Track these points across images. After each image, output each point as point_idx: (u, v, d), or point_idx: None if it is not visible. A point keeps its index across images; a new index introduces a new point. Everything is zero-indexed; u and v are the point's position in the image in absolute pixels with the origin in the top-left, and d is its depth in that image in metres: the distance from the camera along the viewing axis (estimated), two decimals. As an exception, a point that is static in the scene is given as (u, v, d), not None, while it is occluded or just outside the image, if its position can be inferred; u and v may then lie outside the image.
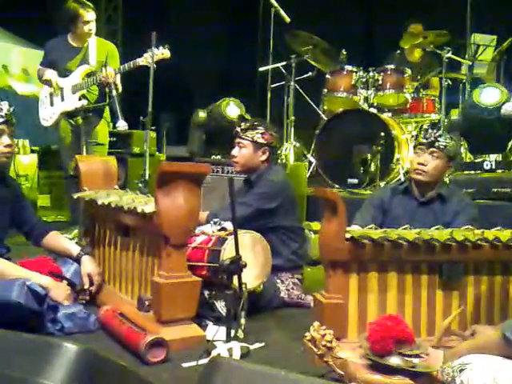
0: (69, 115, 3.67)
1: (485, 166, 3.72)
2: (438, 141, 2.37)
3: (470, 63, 4.26)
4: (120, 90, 3.59)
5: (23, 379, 0.81)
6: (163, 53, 3.30)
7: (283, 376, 0.88)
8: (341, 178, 4.13)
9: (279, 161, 4.38)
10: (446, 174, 2.47)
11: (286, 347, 2.08)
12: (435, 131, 2.43)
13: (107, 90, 3.38)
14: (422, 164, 2.38)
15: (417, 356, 1.61)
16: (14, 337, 0.89)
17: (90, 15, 3.65)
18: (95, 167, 2.56)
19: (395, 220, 2.31)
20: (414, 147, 2.49)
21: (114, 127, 3.40)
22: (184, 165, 2.09)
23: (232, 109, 4.41)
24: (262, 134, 2.65)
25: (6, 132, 2.22)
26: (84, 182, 2.54)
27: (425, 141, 2.40)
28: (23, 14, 5.35)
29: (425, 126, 4.11)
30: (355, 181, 4.07)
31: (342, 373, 1.61)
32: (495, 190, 3.47)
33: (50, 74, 3.68)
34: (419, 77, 4.44)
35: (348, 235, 1.87)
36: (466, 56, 4.29)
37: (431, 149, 2.38)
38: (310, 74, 4.69)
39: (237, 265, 1.99)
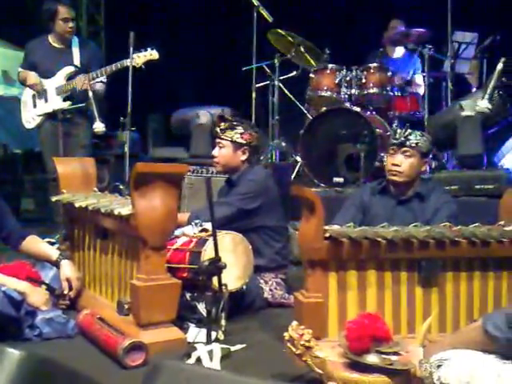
0: (51, 117, 3.64)
1: None
2: (409, 139, 2.36)
3: (452, 60, 4.28)
4: (100, 92, 3.56)
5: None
6: (151, 54, 3.29)
7: (224, 376, 0.87)
8: (326, 177, 4.12)
9: (265, 160, 4.37)
10: (422, 170, 2.45)
11: (268, 347, 2.07)
12: (404, 130, 2.41)
13: (88, 90, 3.35)
14: (396, 165, 2.37)
15: (395, 353, 1.61)
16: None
17: (68, 12, 3.61)
18: (73, 169, 2.53)
19: (375, 219, 2.29)
20: (387, 148, 2.48)
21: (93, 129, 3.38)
22: (160, 165, 2.07)
23: None
24: (241, 133, 2.64)
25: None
26: (62, 185, 2.51)
27: (395, 141, 2.38)
28: (3, 15, 5.29)
29: (394, 127, 4.10)
30: (341, 179, 4.05)
31: (321, 372, 1.61)
32: (478, 186, 3.47)
33: (33, 76, 3.64)
34: (403, 75, 4.45)
35: (326, 234, 1.86)
36: (448, 53, 4.30)
37: (403, 148, 2.36)
38: (294, 73, 4.68)
39: (216, 266, 1.97)
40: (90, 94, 3.29)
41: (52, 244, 2.65)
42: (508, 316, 1.38)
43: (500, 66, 3.52)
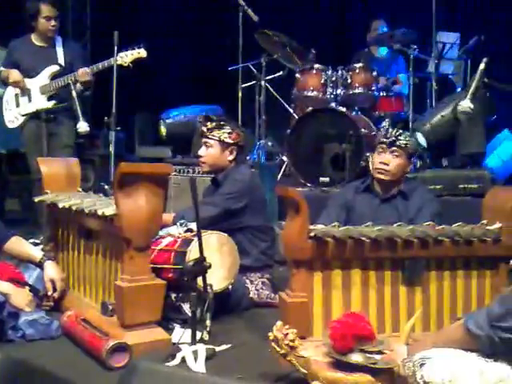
0: (35, 116, 3.60)
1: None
2: (399, 139, 2.39)
3: (436, 61, 4.31)
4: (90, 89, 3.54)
5: None
6: (139, 52, 3.27)
7: (201, 378, 0.87)
8: (313, 177, 4.13)
9: (251, 160, 4.37)
10: (407, 170, 2.48)
11: (254, 348, 2.07)
12: (395, 130, 2.45)
13: (71, 89, 3.33)
14: (384, 163, 2.40)
15: (379, 352, 1.61)
16: None
17: (50, 10, 3.57)
18: (57, 169, 2.50)
19: (359, 218, 2.31)
20: (375, 146, 2.51)
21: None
22: (144, 165, 2.06)
23: None
24: (228, 133, 2.64)
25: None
26: (46, 185, 2.49)
27: (385, 140, 2.42)
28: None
29: (385, 125, 4.13)
30: (327, 179, 4.08)
31: (305, 371, 1.61)
32: (462, 186, 3.51)
33: (16, 74, 3.60)
34: (387, 75, 4.48)
35: (311, 233, 1.87)
36: (432, 54, 4.34)
37: (392, 148, 2.40)
38: (281, 72, 4.68)
39: (200, 266, 1.97)
40: (74, 93, 3.26)
41: (36, 245, 2.63)
42: (489, 314, 1.39)
43: (482, 66, 3.56)
